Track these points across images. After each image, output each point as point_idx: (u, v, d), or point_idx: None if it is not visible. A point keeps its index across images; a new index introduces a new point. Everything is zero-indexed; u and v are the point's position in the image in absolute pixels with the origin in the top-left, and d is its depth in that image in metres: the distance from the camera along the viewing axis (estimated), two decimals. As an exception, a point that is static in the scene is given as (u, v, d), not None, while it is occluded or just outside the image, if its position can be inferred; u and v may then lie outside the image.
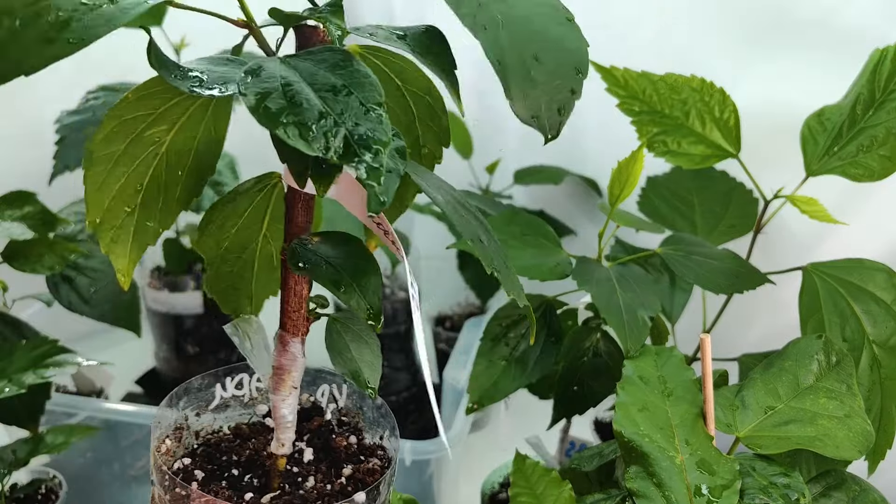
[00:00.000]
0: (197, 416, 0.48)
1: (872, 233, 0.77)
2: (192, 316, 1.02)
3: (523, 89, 0.35)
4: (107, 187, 0.40)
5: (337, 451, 0.46)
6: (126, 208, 0.41)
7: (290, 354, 0.42)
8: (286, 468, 0.45)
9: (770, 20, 0.82)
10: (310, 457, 0.45)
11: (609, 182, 0.63)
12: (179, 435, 0.47)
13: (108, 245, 0.41)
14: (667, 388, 0.53)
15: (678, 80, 0.70)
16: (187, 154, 0.42)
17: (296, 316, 0.41)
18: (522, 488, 0.54)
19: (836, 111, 0.67)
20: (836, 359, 0.56)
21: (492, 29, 0.35)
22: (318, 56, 0.33)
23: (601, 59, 0.71)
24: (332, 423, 0.49)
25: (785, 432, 0.51)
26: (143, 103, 0.38)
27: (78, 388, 0.95)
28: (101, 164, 0.39)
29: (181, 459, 0.46)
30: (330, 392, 0.50)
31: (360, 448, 0.47)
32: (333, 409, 0.50)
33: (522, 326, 0.66)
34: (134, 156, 0.39)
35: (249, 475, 0.45)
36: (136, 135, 0.39)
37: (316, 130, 0.29)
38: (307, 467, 0.45)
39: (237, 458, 0.46)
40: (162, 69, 0.33)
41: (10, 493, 0.73)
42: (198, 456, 0.46)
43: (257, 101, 0.30)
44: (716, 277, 0.64)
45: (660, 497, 0.47)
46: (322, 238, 0.39)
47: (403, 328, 1.07)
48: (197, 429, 0.48)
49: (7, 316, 0.74)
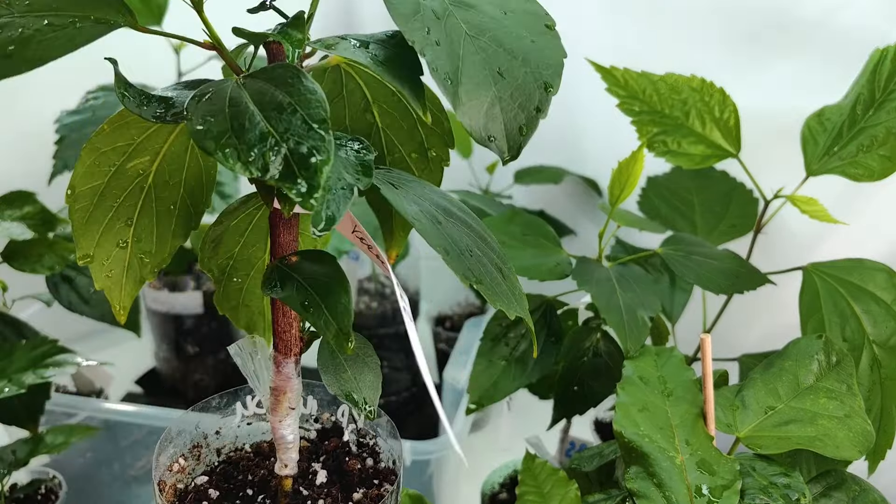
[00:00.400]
0: (217, 435, 0.48)
1: (872, 233, 0.77)
2: (191, 316, 1.02)
3: (480, 107, 0.33)
4: (94, 221, 0.39)
5: (350, 473, 0.45)
6: (119, 242, 0.40)
7: (284, 375, 0.41)
8: (298, 490, 0.44)
9: (770, 20, 0.82)
10: (323, 479, 0.45)
11: (609, 182, 0.63)
12: (198, 453, 0.47)
13: (103, 281, 0.40)
14: (667, 388, 0.53)
15: (678, 80, 0.70)
16: (177, 186, 0.40)
17: (287, 336, 0.40)
18: (530, 487, 0.55)
19: (837, 111, 0.67)
20: (836, 359, 0.56)
21: (448, 43, 0.33)
22: (270, 73, 0.31)
23: (602, 60, 0.71)
24: (349, 445, 0.48)
25: (785, 432, 0.51)
26: (120, 133, 0.37)
27: (78, 388, 0.95)
28: (84, 199, 0.38)
29: (198, 477, 0.45)
30: (349, 413, 0.49)
31: (375, 472, 0.46)
32: (353, 429, 0.49)
33: (522, 326, 0.66)
34: (119, 189, 0.38)
35: (262, 496, 0.44)
36: (117, 167, 0.38)
37: (256, 152, 0.28)
38: (318, 490, 0.44)
39: (252, 477, 0.45)
40: (126, 100, 0.32)
41: (10, 493, 0.73)
42: (216, 474, 0.46)
43: (200, 125, 0.29)
44: (716, 277, 0.64)
45: (660, 497, 0.47)
46: (300, 257, 0.38)
47: (403, 328, 1.06)
48: (218, 446, 0.48)
49: (7, 316, 0.74)
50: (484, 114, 0.33)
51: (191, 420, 0.47)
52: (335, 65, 0.40)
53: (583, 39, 0.97)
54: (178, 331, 1.03)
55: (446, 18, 0.33)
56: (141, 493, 0.85)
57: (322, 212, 0.28)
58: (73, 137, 0.88)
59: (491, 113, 0.33)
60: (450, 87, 0.32)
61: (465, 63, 0.33)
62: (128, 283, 0.41)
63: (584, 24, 0.97)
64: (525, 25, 0.35)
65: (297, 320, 0.40)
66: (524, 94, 0.34)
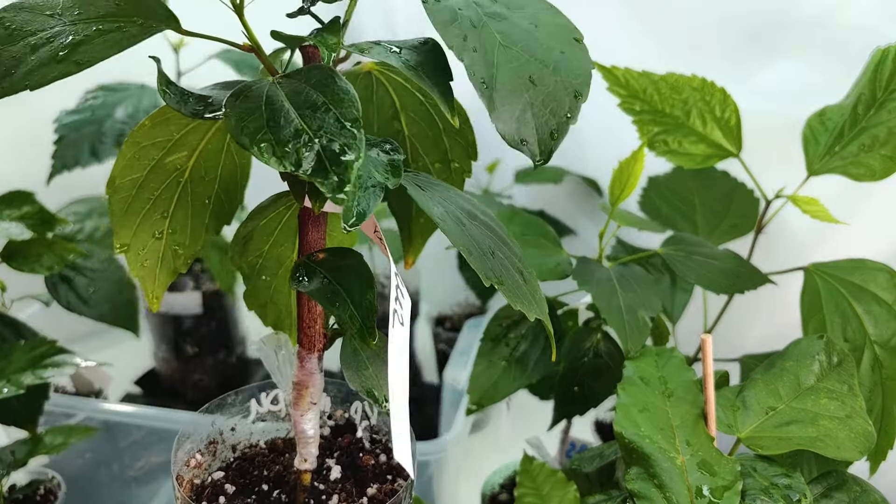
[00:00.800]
0: (233, 431, 0.49)
1: (874, 233, 0.77)
2: (190, 316, 1.02)
3: (513, 112, 0.35)
4: (132, 212, 0.40)
5: (364, 469, 0.46)
6: (155, 233, 0.41)
7: (307, 370, 0.42)
8: (313, 485, 0.45)
9: (771, 20, 0.82)
10: (337, 475, 0.45)
11: (610, 182, 0.63)
12: (214, 449, 0.48)
13: (138, 269, 0.42)
14: (668, 388, 0.53)
15: (679, 79, 0.69)
16: (212, 182, 0.42)
17: (311, 332, 0.41)
18: (528, 489, 0.55)
19: (838, 111, 0.66)
20: (837, 359, 0.56)
21: (483, 52, 0.34)
22: (306, 75, 0.33)
23: (602, 59, 0.71)
24: (363, 441, 0.49)
25: (786, 433, 0.51)
26: (160, 129, 0.39)
27: (77, 388, 0.95)
28: (124, 191, 0.39)
29: (214, 473, 0.46)
30: (363, 409, 0.50)
31: (388, 467, 0.47)
32: (366, 425, 0.49)
33: (522, 327, 0.66)
34: (157, 182, 0.40)
35: (278, 490, 0.45)
36: (156, 161, 0.39)
37: (290, 147, 0.29)
38: (333, 485, 0.45)
39: (268, 472, 0.46)
40: (167, 95, 0.34)
41: (9, 493, 0.73)
42: (232, 470, 0.47)
43: (237, 121, 0.30)
44: (717, 277, 0.64)
45: (661, 498, 0.47)
46: (327, 254, 0.39)
47: (404, 329, 1.07)
48: (234, 443, 0.49)
49: (5, 316, 0.74)
50: (516, 119, 0.35)
51: (207, 417, 0.48)
52: (367, 71, 0.42)
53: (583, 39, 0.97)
54: (177, 331, 1.03)
55: (482, 28, 0.35)
56: (140, 493, 0.85)
57: (353, 208, 0.29)
58: (72, 137, 0.88)
59: (523, 118, 0.35)
60: (486, 91, 0.34)
61: (500, 70, 0.34)
62: (161, 273, 0.43)
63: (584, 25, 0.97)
64: (555, 37, 0.37)
65: (322, 316, 0.41)
66: (555, 101, 0.35)
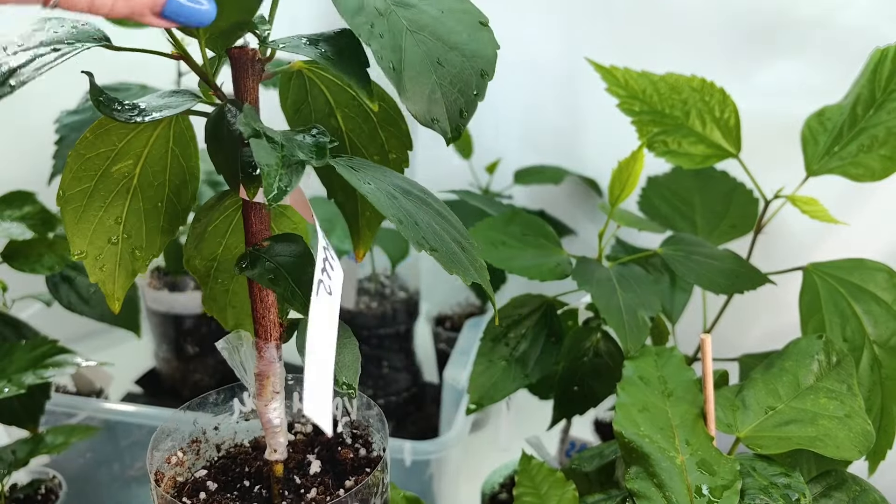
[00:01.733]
0: (216, 430, 0.49)
1: (873, 233, 0.77)
2: (191, 316, 1.02)
3: (422, 93, 0.37)
4: (86, 221, 0.42)
5: (343, 463, 0.47)
6: (111, 239, 0.43)
7: (266, 360, 0.43)
8: (291, 479, 0.45)
9: (770, 20, 0.82)
10: (317, 469, 0.46)
11: (609, 182, 0.63)
12: (196, 447, 0.48)
13: (97, 274, 0.43)
14: (667, 388, 0.53)
15: (678, 79, 0.70)
16: (161, 186, 0.44)
17: (265, 321, 0.42)
18: (527, 488, 0.55)
19: (837, 111, 0.67)
20: (836, 359, 0.56)
21: (391, 37, 0.36)
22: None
23: (602, 60, 0.71)
24: (342, 436, 0.49)
25: (785, 432, 0.51)
26: (102, 140, 0.40)
27: (78, 388, 0.95)
28: (75, 201, 0.41)
29: (198, 472, 0.47)
30: (343, 405, 0.50)
31: (367, 460, 0.47)
32: (346, 421, 0.50)
33: (522, 326, 0.66)
34: (106, 191, 0.42)
35: (259, 486, 0.46)
36: (102, 171, 0.41)
37: None
38: (312, 479, 0.45)
39: (249, 469, 0.47)
40: (101, 106, 0.36)
41: (10, 493, 0.73)
42: (215, 468, 0.47)
43: None
44: (716, 277, 0.64)
45: (660, 497, 0.47)
46: (270, 241, 0.41)
47: (403, 328, 1.07)
48: (217, 442, 0.49)
49: (7, 316, 0.74)
50: (426, 98, 0.37)
51: (189, 414, 0.49)
52: (298, 70, 0.43)
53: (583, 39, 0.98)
54: (177, 331, 1.03)
55: (388, 15, 0.37)
56: (140, 493, 0.85)
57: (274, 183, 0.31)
58: (72, 137, 0.88)
59: (433, 98, 0.37)
60: (394, 74, 0.36)
61: (407, 54, 0.36)
62: (120, 276, 0.44)
63: (584, 25, 0.97)
64: (461, 22, 0.39)
65: (275, 306, 0.42)
66: (462, 81, 0.38)
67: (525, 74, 1.05)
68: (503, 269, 0.64)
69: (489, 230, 0.67)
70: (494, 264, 0.63)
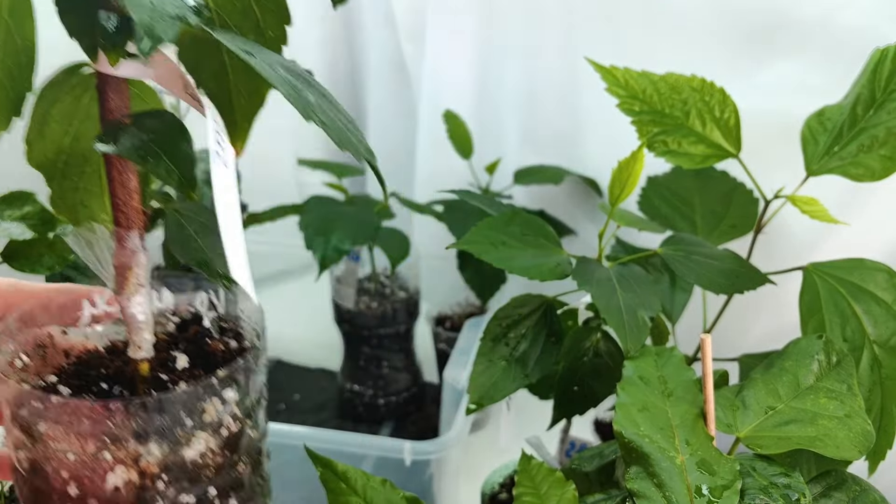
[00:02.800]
0: (64, 334, 0.44)
1: (873, 233, 0.77)
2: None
3: None
4: None
5: (213, 355, 0.43)
6: None
7: (129, 250, 0.39)
8: (157, 376, 0.41)
9: (770, 20, 0.82)
10: (184, 364, 0.42)
11: (609, 182, 0.63)
12: (42, 353, 0.43)
13: None
14: (667, 388, 0.53)
15: (679, 79, 0.70)
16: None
17: (127, 209, 0.39)
18: (527, 488, 0.54)
19: (837, 111, 0.67)
20: (836, 359, 0.56)
21: None
22: None
23: (602, 59, 0.71)
24: (210, 330, 0.45)
25: (785, 432, 0.51)
26: None
27: None
28: None
29: (45, 378, 0.42)
30: (209, 300, 0.47)
31: (240, 350, 0.44)
32: (213, 316, 0.46)
33: (522, 326, 0.66)
34: None
35: (118, 386, 0.41)
36: None
37: None
38: (180, 374, 0.42)
39: (106, 371, 0.43)
40: None
41: (10, 493, 0.73)
42: (65, 373, 0.43)
43: None
44: (716, 277, 0.64)
45: (660, 497, 0.47)
46: (134, 117, 0.37)
47: (403, 328, 1.07)
48: (65, 347, 0.44)
49: (7, 316, 0.74)
50: None
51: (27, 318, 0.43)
52: None
53: (583, 39, 0.98)
54: (177, 331, 1.03)
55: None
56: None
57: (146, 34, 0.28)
58: None
59: None
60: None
61: None
62: None
63: (583, 24, 0.97)
64: None
65: (138, 192, 0.39)
66: None
67: (525, 74, 1.05)
68: (503, 269, 0.64)
69: (489, 230, 0.67)
70: (494, 264, 0.63)
